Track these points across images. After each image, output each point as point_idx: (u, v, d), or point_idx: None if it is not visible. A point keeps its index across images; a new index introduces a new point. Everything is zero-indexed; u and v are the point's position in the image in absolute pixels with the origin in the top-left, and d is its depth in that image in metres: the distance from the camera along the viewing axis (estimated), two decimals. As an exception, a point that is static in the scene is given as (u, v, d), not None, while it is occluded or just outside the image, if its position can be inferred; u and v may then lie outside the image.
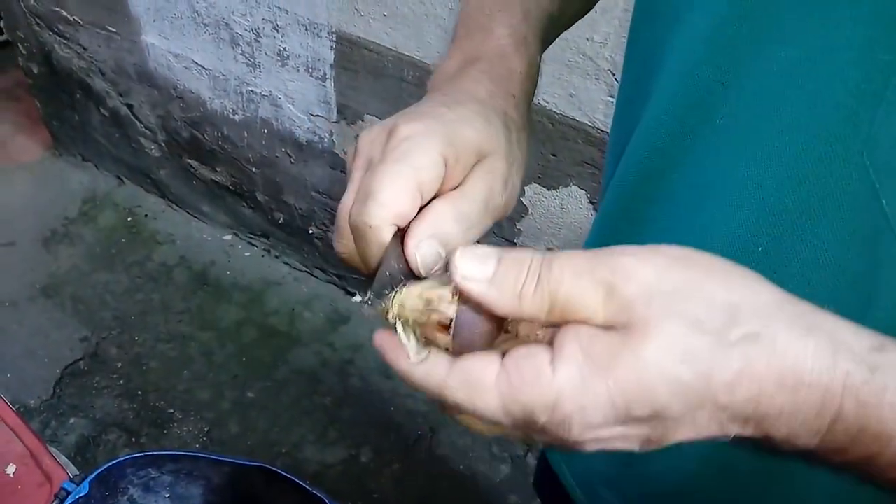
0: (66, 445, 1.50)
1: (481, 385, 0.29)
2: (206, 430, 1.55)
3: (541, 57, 0.47)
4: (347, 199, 0.37)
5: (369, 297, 0.35)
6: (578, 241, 1.33)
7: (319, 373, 1.67)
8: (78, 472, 0.98)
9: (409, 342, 0.32)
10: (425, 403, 1.62)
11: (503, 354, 0.29)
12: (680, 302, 0.27)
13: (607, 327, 0.28)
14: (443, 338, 0.31)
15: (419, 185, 0.35)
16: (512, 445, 1.56)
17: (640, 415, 0.27)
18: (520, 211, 1.36)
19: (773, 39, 0.34)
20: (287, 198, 1.74)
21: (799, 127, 0.34)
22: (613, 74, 1.10)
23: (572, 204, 1.29)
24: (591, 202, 1.27)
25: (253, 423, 1.57)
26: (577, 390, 0.27)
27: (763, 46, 0.34)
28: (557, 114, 1.18)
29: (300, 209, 1.74)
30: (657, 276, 0.27)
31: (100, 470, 0.95)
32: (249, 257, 1.92)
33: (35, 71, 1.99)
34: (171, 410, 1.58)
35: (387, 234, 0.34)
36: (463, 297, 0.30)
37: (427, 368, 0.30)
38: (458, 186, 0.37)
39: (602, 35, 1.07)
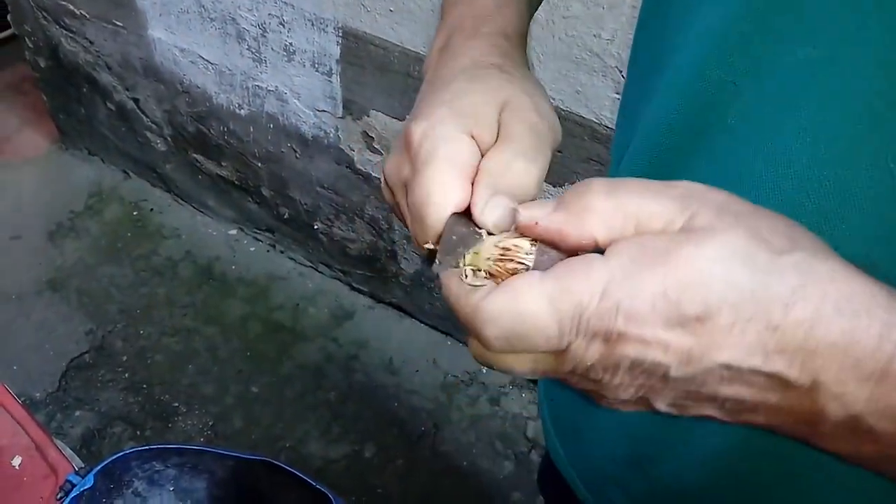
0: (72, 438, 1.51)
1: (525, 290, 0.28)
2: (210, 423, 1.56)
3: (531, 14, 0.47)
4: (411, 228, 0.36)
5: (439, 257, 0.33)
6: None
7: (324, 368, 1.67)
8: (83, 465, 0.98)
9: (476, 279, 0.31)
10: (429, 400, 1.62)
11: None
12: (746, 218, 0.27)
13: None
14: None
15: (461, 172, 0.34)
16: (516, 443, 1.57)
17: (691, 312, 0.26)
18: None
19: (791, 39, 0.33)
20: (292, 193, 1.75)
21: (818, 128, 0.33)
22: (620, 71, 1.10)
23: (578, 201, 1.29)
24: (597, 199, 1.26)
25: (257, 417, 1.58)
26: (629, 275, 0.26)
27: (780, 46, 0.33)
28: (563, 110, 1.18)
29: (305, 204, 1.75)
30: (727, 198, 0.28)
31: (105, 462, 0.96)
32: (254, 252, 1.92)
33: (42, 65, 1.99)
34: (176, 404, 1.59)
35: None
36: (541, 242, 0.30)
37: (474, 290, 0.30)
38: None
39: (609, 32, 1.06)
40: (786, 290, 0.25)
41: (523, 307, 0.27)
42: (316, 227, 1.77)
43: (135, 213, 1.99)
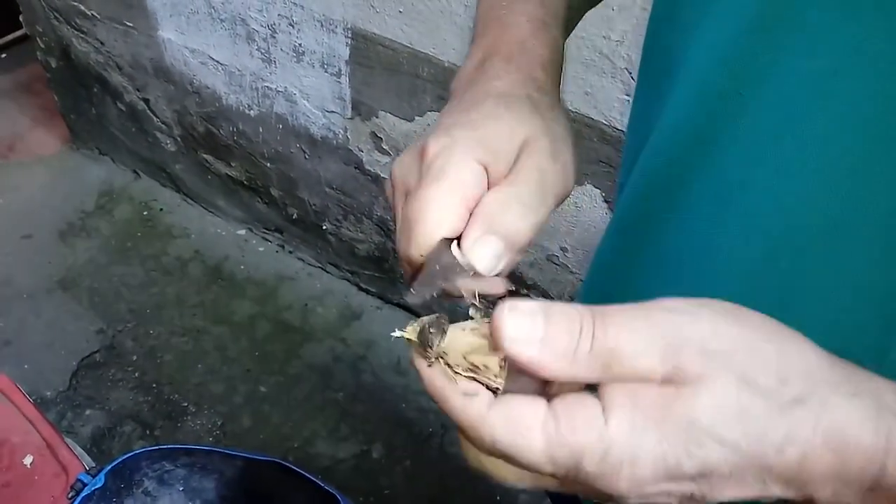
0: (82, 437, 1.52)
1: (526, 425, 0.27)
2: (219, 423, 1.57)
3: (565, 39, 0.46)
4: (398, 234, 0.36)
5: (416, 287, 0.33)
6: (593, 240, 1.32)
7: (332, 368, 1.67)
8: (93, 464, 0.99)
9: (456, 381, 0.30)
10: (437, 400, 1.62)
11: (548, 397, 0.28)
12: (734, 361, 0.27)
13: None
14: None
15: (463, 199, 0.33)
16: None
17: (690, 471, 0.26)
18: (534, 209, 1.36)
19: (797, 52, 0.33)
20: (301, 193, 1.75)
21: (826, 140, 0.33)
22: (630, 73, 1.09)
23: (587, 203, 1.29)
24: (606, 201, 1.26)
25: (265, 417, 1.58)
26: (630, 441, 0.26)
27: (786, 58, 0.33)
28: (573, 112, 1.18)
29: (314, 205, 1.75)
30: (712, 333, 0.27)
31: (115, 462, 0.96)
32: (263, 252, 1.93)
33: (53, 65, 2.01)
34: (185, 403, 1.60)
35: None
36: (511, 365, 0.28)
37: (469, 401, 0.29)
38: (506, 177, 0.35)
39: (619, 33, 1.06)
40: (779, 437, 0.26)
41: (521, 439, 0.27)
42: (324, 227, 1.78)
43: (145, 213, 2.00)
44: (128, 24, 1.71)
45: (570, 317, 0.28)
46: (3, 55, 2.45)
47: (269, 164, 1.75)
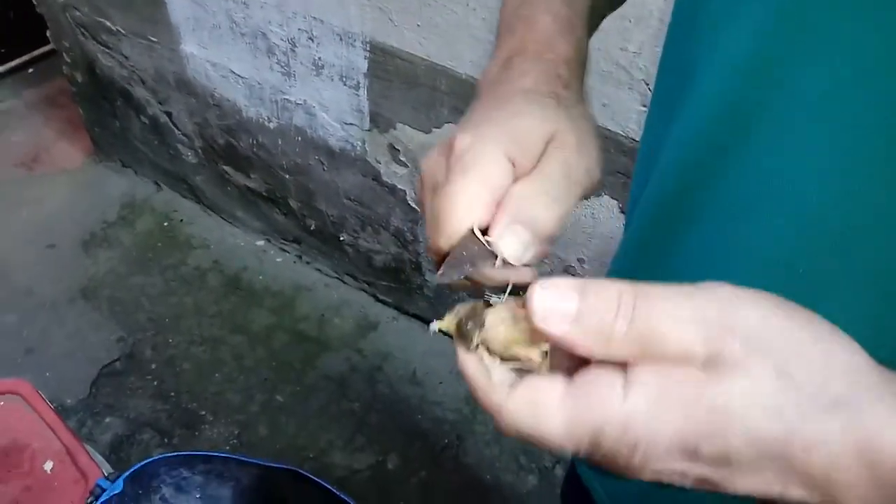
0: (101, 444, 1.53)
1: (544, 405, 0.27)
2: (236, 432, 1.58)
3: (589, 38, 0.47)
4: (427, 228, 0.36)
5: (444, 269, 0.33)
6: (609, 251, 1.32)
7: (348, 379, 1.68)
8: (112, 471, 1.00)
9: (493, 367, 0.31)
10: (453, 412, 1.62)
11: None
12: (777, 354, 0.26)
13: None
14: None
15: (490, 191, 0.34)
16: (539, 456, 1.55)
17: (709, 454, 0.26)
18: (550, 220, 1.36)
19: (819, 58, 0.33)
20: (319, 205, 1.77)
21: (849, 145, 0.33)
22: (647, 84, 1.09)
23: (603, 214, 1.29)
24: (623, 212, 1.26)
25: (282, 426, 1.59)
26: (650, 416, 0.26)
27: (809, 65, 0.33)
28: (589, 123, 1.18)
29: (332, 216, 1.76)
30: (760, 323, 0.26)
31: (134, 468, 0.97)
32: (281, 263, 1.94)
33: (79, 79, 2.05)
34: (203, 412, 1.61)
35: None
36: (553, 351, 0.28)
37: (493, 387, 0.29)
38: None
39: (636, 45, 1.06)
40: (808, 437, 0.25)
41: (541, 420, 0.28)
42: (342, 238, 1.79)
43: (165, 224, 2.03)
44: (152, 38, 1.75)
45: (607, 294, 0.27)
46: (31, 70, 2.51)
47: (287, 176, 1.77)
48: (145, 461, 1.00)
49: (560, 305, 0.27)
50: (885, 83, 0.31)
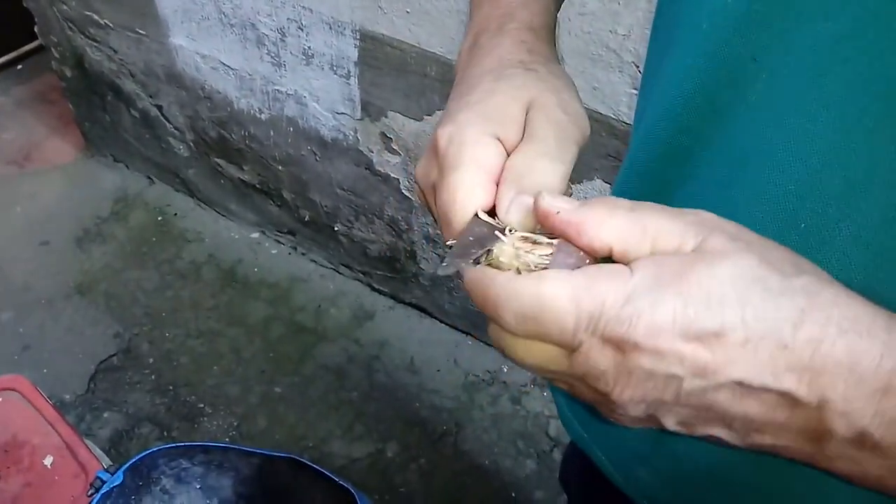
0: (101, 439, 1.54)
1: (553, 276, 0.29)
2: (235, 424, 1.58)
3: (558, 8, 0.47)
4: (442, 232, 0.37)
5: (448, 259, 0.34)
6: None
7: (346, 368, 1.68)
8: (112, 465, 1.00)
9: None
10: (451, 399, 1.63)
11: None
12: (756, 245, 0.29)
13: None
14: None
15: (486, 173, 0.35)
16: (537, 441, 1.56)
17: (708, 327, 0.27)
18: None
19: (812, 15, 0.33)
20: (312, 195, 1.76)
21: (845, 102, 0.33)
22: (637, 67, 1.09)
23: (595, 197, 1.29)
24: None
25: (281, 417, 1.60)
26: (652, 289, 0.28)
27: (801, 22, 0.33)
28: (581, 107, 1.18)
29: (325, 206, 1.76)
30: (738, 229, 0.30)
31: (134, 460, 0.98)
32: (276, 254, 1.94)
33: (68, 74, 2.04)
34: (202, 405, 1.61)
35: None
36: (559, 241, 0.31)
37: (500, 274, 0.31)
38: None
39: (625, 27, 1.06)
40: (795, 310, 0.27)
41: (545, 290, 0.28)
42: (336, 228, 1.79)
43: (159, 218, 2.03)
44: (140, 31, 1.73)
45: (606, 199, 0.31)
46: (19, 66, 2.49)
47: (280, 167, 1.77)
48: (145, 453, 1.00)
49: (565, 202, 0.31)
50: (885, 38, 0.31)
